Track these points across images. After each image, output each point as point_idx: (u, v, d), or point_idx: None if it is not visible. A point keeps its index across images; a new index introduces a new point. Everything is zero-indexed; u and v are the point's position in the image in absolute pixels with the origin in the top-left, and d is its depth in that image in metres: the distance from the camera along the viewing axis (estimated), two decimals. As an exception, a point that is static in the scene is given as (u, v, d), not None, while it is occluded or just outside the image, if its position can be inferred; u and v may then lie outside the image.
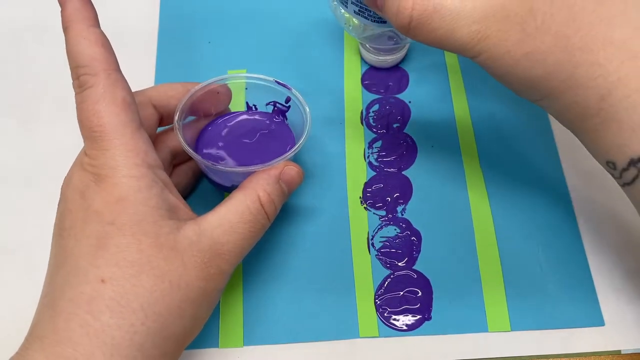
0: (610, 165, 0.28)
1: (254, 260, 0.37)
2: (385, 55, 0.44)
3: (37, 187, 0.39)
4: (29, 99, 0.44)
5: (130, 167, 0.28)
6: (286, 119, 0.38)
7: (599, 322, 0.35)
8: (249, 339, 0.35)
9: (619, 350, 0.34)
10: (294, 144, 0.35)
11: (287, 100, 0.37)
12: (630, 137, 0.26)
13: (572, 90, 0.27)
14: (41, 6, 0.30)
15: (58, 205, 0.29)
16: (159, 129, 0.36)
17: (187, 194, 0.39)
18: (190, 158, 0.36)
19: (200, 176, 0.39)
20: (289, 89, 0.36)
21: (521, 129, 0.42)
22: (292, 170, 0.33)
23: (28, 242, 0.38)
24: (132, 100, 0.29)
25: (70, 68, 0.29)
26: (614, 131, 0.27)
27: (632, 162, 0.27)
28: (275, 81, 0.36)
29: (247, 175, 0.32)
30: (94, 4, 0.30)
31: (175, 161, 0.37)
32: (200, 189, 0.40)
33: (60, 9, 0.29)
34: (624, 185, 0.29)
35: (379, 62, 0.45)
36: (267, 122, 0.37)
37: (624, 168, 0.27)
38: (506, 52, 0.28)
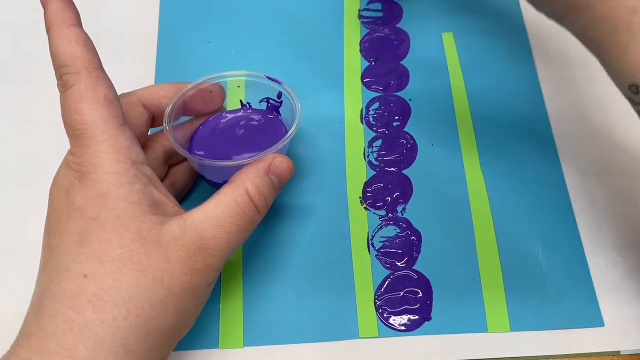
0: (632, 90, 0.27)
1: (254, 261, 0.37)
2: None
3: (37, 188, 0.39)
4: (29, 99, 0.44)
5: (112, 163, 0.28)
6: (279, 114, 0.37)
7: (599, 322, 0.35)
8: (249, 340, 0.35)
9: (619, 351, 0.34)
10: None
11: (279, 95, 0.37)
12: None
13: (602, 2, 0.26)
14: (41, 6, 0.30)
15: (47, 205, 0.30)
16: (155, 130, 0.36)
17: (184, 193, 0.39)
18: (186, 158, 0.36)
19: (197, 176, 0.39)
20: (279, 83, 0.36)
21: (522, 129, 0.42)
22: (281, 162, 0.33)
23: (28, 243, 0.38)
24: (115, 98, 0.30)
25: (54, 68, 0.29)
26: None
27: None
28: (266, 76, 0.36)
29: (238, 170, 0.32)
30: (75, 5, 0.30)
31: (171, 161, 0.37)
32: (199, 189, 0.40)
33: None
34: None
35: None
36: (261, 118, 0.37)
37: None
38: None
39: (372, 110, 0.43)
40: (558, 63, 0.45)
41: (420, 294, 0.36)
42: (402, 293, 0.36)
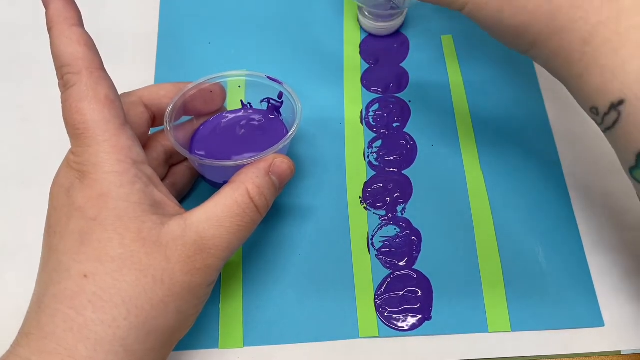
0: (593, 112, 0.28)
1: (254, 261, 0.37)
2: (383, 22, 0.45)
3: (37, 188, 0.39)
4: (29, 99, 0.44)
5: (113, 163, 0.28)
6: (280, 115, 0.38)
7: (599, 322, 0.35)
8: (249, 340, 0.35)
9: (619, 351, 0.34)
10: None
11: (280, 95, 0.37)
12: (611, 81, 0.27)
13: (556, 36, 0.28)
14: (41, 6, 0.30)
15: (48, 204, 0.30)
16: (156, 129, 0.36)
17: (185, 193, 0.39)
18: (186, 158, 0.36)
19: (198, 176, 0.39)
20: (280, 83, 0.36)
21: (521, 129, 0.42)
22: (282, 162, 0.33)
23: (28, 243, 0.38)
24: (116, 98, 0.30)
25: (55, 68, 0.29)
26: (597, 76, 0.27)
27: (613, 106, 0.27)
28: (267, 77, 0.37)
29: (238, 170, 0.32)
30: (78, 5, 0.30)
31: (172, 161, 0.37)
32: (200, 189, 0.40)
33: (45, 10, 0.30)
34: (605, 130, 0.29)
35: (377, 29, 0.46)
36: (261, 119, 0.37)
37: (605, 113, 0.28)
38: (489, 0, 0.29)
39: (372, 111, 0.43)
40: (557, 64, 0.45)
41: (421, 294, 0.36)
42: (402, 293, 0.36)
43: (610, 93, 0.27)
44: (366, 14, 0.45)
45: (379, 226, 0.38)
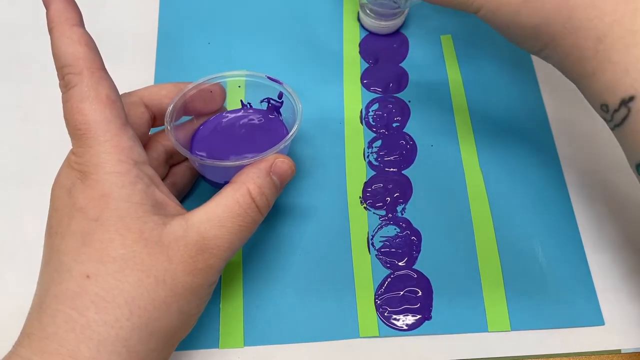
0: (603, 109, 0.29)
1: (254, 261, 0.37)
2: (386, 20, 0.45)
3: (37, 188, 0.39)
4: (29, 99, 0.44)
5: (114, 163, 0.28)
6: (280, 115, 0.38)
7: (599, 321, 0.35)
8: (250, 340, 0.35)
9: (619, 350, 0.35)
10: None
11: (280, 95, 0.37)
12: (622, 78, 0.27)
13: (571, 35, 0.28)
14: (41, 6, 0.30)
15: (49, 205, 0.30)
16: (156, 129, 0.36)
17: (185, 193, 0.39)
18: (187, 158, 0.36)
19: (198, 175, 0.39)
20: (280, 84, 0.36)
21: (521, 129, 0.42)
22: (283, 163, 0.33)
23: (28, 243, 0.38)
24: (117, 98, 0.29)
25: (56, 68, 0.29)
26: (609, 73, 0.28)
27: (623, 102, 0.27)
28: (267, 77, 0.37)
29: (239, 170, 0.32)
30: (78, 5, 0.30)
31: (172, 161, 0.37)
32: (200, 189, 0.40)
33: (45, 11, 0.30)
34: (614, 127, 0.29)
35: (378, 28, 0.46)
36: (261, 119, 0.37)
37: (615, 109, 0.28)
38: (506, 2, 0.29)
39: (372, 111, 0.43)
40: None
41: (421, 294, 0.36)
42: (402, 292, 0.36)
43: (621, 89, 0.27)
44: (368, 12, 0.45)
45: (379, 226, 0.38)
